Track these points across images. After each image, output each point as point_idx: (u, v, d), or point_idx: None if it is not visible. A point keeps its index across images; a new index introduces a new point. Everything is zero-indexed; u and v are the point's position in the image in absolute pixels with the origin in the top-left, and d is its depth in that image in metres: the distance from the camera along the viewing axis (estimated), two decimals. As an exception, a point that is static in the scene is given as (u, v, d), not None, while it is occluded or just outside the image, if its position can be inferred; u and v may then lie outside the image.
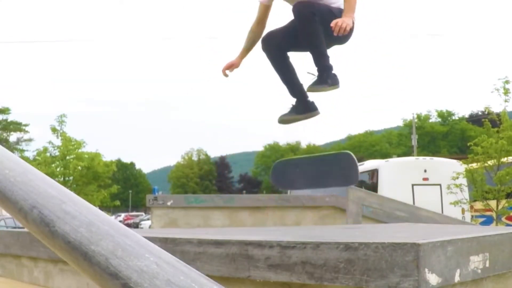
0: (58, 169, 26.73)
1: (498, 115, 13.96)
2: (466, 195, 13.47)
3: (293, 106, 3.97)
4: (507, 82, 13.92)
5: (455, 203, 13.27)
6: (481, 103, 75.20)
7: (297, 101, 3.96)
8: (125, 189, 73.66)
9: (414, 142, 42.22)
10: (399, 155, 45.69)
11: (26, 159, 28.10)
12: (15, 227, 16.05)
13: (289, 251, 2.00)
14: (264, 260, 2.06)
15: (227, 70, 4.01)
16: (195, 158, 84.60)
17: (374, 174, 15.72)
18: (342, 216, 7.82)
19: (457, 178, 13.23)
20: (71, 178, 26.87)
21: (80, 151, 27.20)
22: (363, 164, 17.10)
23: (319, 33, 3.52)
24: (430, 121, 69.22)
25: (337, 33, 3.37)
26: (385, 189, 14.16)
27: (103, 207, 34.40)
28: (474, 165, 13.73)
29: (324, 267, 1.90)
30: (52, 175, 24.37)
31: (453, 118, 69.85)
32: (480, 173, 13.37)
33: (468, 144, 14.21)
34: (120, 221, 2.21)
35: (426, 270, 1.73)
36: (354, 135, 79.98)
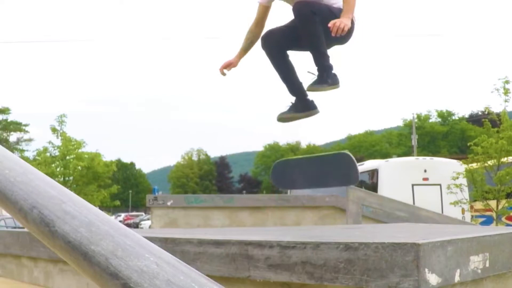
0: (58, 169, 26.74)
1: (498, 115, 13.96)
2: (466, 195, 13.47)
3: (293, 104, 3.94)
4: (507, 82, 13.91)
5: (455, 203, 13.26)
6: (481, 103, 75.30)
7: (296, 99, 3.92)
8: (125, 189, 73.65)
9: (414, 142, 42.20)
10: (399, 155, 45.71)
11: (26, 159, 28.12)
12: (15, 227, 16.05)
13: (289, 251, 2.00)
14: (264, 260, 2.06)
15: (225, 69, 3.98)
16: (195, 158, 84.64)
17: (374, 174, 15.72)
18: (342, 216, 7.82)
19: (457, 178, 13.22)
20: (71, 178, 26.88)
21: (80, 151, 27.21)
22: (363, 164, 17.10)
23: (320, 33, 3.51)
24: (430, 121, 69.23)
25: (335, 34, 3.36)
26: (385, 189, 14.16)
27: (103, 207, 34.40)
28: (474, 165, 13.72)
29: (324, 267, 1.90)
30: (52, 175, 24.37)
31: (453, 118, 69.85)
32: (480, 173, 13.37)
33: (468, 144, 14.21)
34: (120, 221, 2.21)
35: (426, 270, 1.73)
36: (354, 135, 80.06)
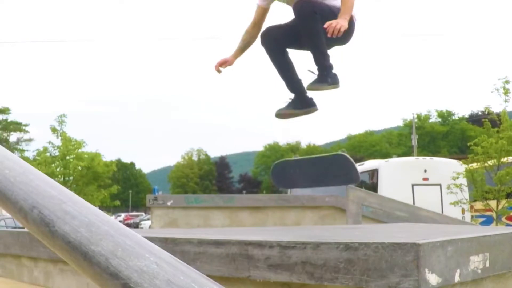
0: (58, 169, 26.76)
1: (498, 115, 13.96)
2: (466, 195, 13.46)
3: (291, 100, 3.91)
4: (507, 82, 13.91)
5: (455, 203, 13.26)
6: (481, 103, 75.33)
7: (295, 96, 3.90)
8: (125, 189, 73.67)
9: (414, 142, 42.20)
10: (399, 155, 45.67)
11: (26, 159, 28.12)
12: (15, 227, 16.05)
13: (289, 251, 2.00)
14: (264, 260, 2.06)
15: (220, 66, 3.95)
16: (195, 158, 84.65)
17: (374, 174, 15.72)
18: (342, 216, 7.82)
19: (457, 178, 13.22)
20: (71, 178, 26.91)
21: (80, 151, 27.24)
22: (363, 164, 17.11)
23: (320, 32, 3.49)
24: (430, 121, 69.25)
25: (331, 35, 3.34)
26: (385, 189, 14.16)
27: (103, 207, 34.41)
28: (474, 165, 13.72)
29: (324, 267, 1.90)
30: (52, 175, 24.38)
31: (453, 118, 69.87)
32: (480, 173, 13.36)
33: (468, 144, 14.20)
34: (120, 221, 2.21)
35: (426, 270, 1.73)
36: (354, 135, 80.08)
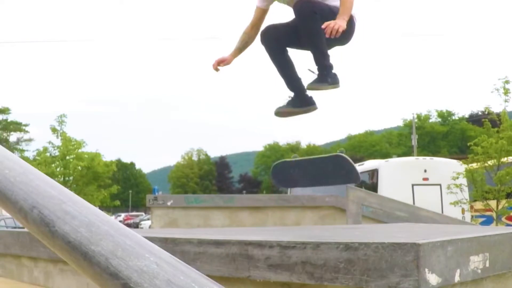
0: (58, 169, 26.77)
1: (498, 115, 13.96)
2: (466, 195, 13.46)
3: (291, 99, 3.91)
4: (507, 82, 13.91)
5: (455, 203, 13.26)
6: (481, 103, 75.34)
7: (295, 95, 3.90)
8: (125, 189, 73.65)
9: (414, 142, 42.19)
10: (399, 155, 45.68)
11: (26, 159, 28.13)
12: (15, 227, 16.05)
13: (289, 251, 2.00)
14: (264, 260, 2.06)
15: (218, 65, 3.93)
16: (195, 158, 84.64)
17: (374, 174, 15.72)
18: (342, 216, 7.82)
19: (457, 178, 13.22)
20: (71, 178, 26.91)
21: (80, 151, 27.25)
22: (363, 164, 17.12)
23: (320, 32, 3.48)
24: (430, 121, 69.24)
25: (329, 35, 3.33)
26: (385, 189, 14.16)
27: (103, 207, 34.41)
28: (474, 165, 13.72)
29: (324, 267, 1.90)
30: (52, 175, 24.39)
31: (453, 118, 69.86)
32: (480, 173, 13.36)
33: (468, 144, 14.20)
34: (120, 221, 2.21)
35: (426, 270, 1.73)
36: (354, 135, 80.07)
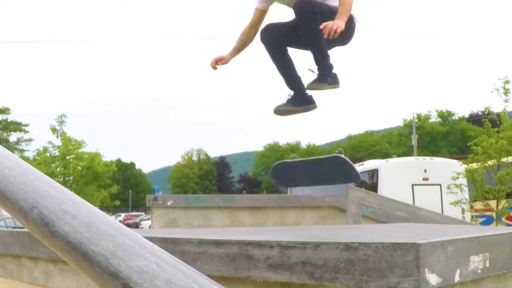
0: (58, 169, 26.77)
1: (498, 115, 13.96)
2: (466, 195, 13.46)
3: (290, 97, 3.91)
4: (507, 82, 13.91)
5: (455, 203, 13.26)
6: (481, 103, 75.36)
7: (294, 93, 3.90)
8: (125, 189, 73.64)
9: (414, 142, 42.19)
10: (399, 155, 45.67)
11: (26, 159, 28.13)
12: (15, 227, 16.05)
13: (289, 251, 2.00)
14: (264, 260, 2.06)
15: (216, 63, 3.93)
16: (195, 158, 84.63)
17: (374, 174, 15.72)
18: (342, 216, 7.82)
19: (457, 178, 13.22)
20: (71, 178, 26.91)
21: (80, 151, 27.25)
22: (363, 164, 17.12)
23: (320, 32, 3.48)
24: (430, 121, 69.23)
25: (327, 36, 3.33)
26: (385, 189, 14.16)
27: (103, 207, 34.42)
28: (474, 165, 13.72)
29: (324, 267, 1.90)
30: (52, 175, 24.39)
31: (453, 118, 69.86)
32: (480, 173, 13.36)
33: (468, 144, 14.21)
34: (120, 221, 2.21)
35: (426, 270, 1.73)
36: (354, 135, 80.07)
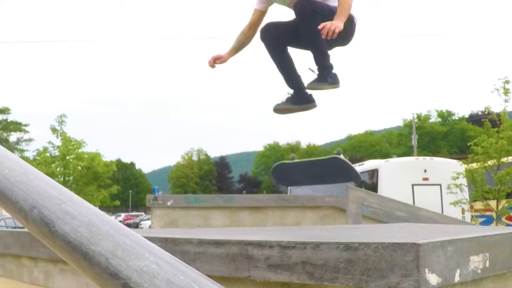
0: (58, 169, 26.78)
1: (498, 115, 13.96)
2: (466, 195, 13.47)
3: (290, 96, 3.91)
4: (507, 82, 13.91)
5: (455, 203, 13.26)
6: (481, 103, 75.37)
7: (294, 92, 3.90)
8: (125, 189, 73.62)
9: (414, 142, 42.18)
10: (399, 155, 45.67)
11: (26, 159, 28.13)
12: (15, 227, 16.05)
13: (289, 251, 2.00)
14: (264, 260, 2.06)
15: (215, 62, 3.92)
16: (195, 158, 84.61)
17: (374, 174, 15.72)
18: (342, 216, 7.82)
19: (457, 178, 13.23)
20: (71, 178, 26.91)
21: (80, 151, 27.26)
22: (363, 164, 17.12)
23: (320, 32, 3.49)
24: (430, 121, 69.23)
25: (325, 36, 3.33)
26: (385, 189, 14.16)
27: (103, 207, 34.42)
28: (474, 165, 13.72)
29: (324, 267, 1.90)
30: (52, 175, 24.39)
31: (453, 118, 69.85)
32: (480, 173, 13.37)
33: (468, 144, 14.21)
34: (120, 221, 2.21)
35: (426, 270, 1.73)
36: (354, 135, 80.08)
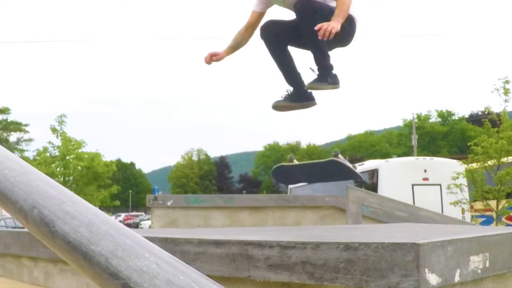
0: (58, 169, 26.78)
1: (498, 115, 13.97)
2: (466, 195, 13.47)
3: (289, 93, 3.91)
4: (507, 82, 13.92)
5: (455, 203, 13.27)
6: (481, 103, 75.37)
7: (293, 89, 3.90)
8: (125, 189, 73.60)
9: (414, 142, 42.17)
10: (399, 155, 45.69)
11: (26, 159, 28.14)
12: (15, 227, 16.05)
13: (289, 251, 2.00)
14: (264, 260, 2.06)
15: (211, 58, 3.90)
16: (195, 158, 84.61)
17: (374, 174, 15.73)
18: (342, 216, 7.82)
19: (457, 178, 13.23)
20: (71, 178, 26.92)
21: (80, 151, 27.26)
22: (363, 164, 17.12)
23: None
24: (430, 121, 69.22)
25: (322, 37, 3.33)
26: (385, 189, 14.18)
27: (103, 207, 34.41)
28: (474, 165, 13.73)
29: (324, 267, 1.90)
30: (52, 175, 24.39)
31: (453, 118, 69.85)
32: (480, 173, 13.37)
33: (468, 144, 14.22)
34: (120, 221, 2.21)
35: (426, 270, 1.73)
36: (354, 135, 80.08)
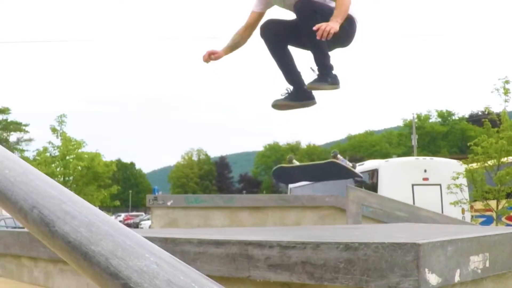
0: (58, 169, 26.78)
1: (498, 115, 13.97)
2: (466, 195, 13.47)
3: (289, 92, 3.90)
4: (507, 82, 13.92)
5: (455, 203, 13.27)
6: (481, 103, 75.39)
7: (293, 88, 3.90)
8: (125, 189, 73.58)
9: (414, 142, 42.17)
10: (399, 155, 45.68)
11: (26, 159, 28.14)
12: (15, 227, 16.05)
13: (289, 251, 2.00)
14: (264, 260, 2.06)
15: (209, 57, 3.88)
16: (195, 158, 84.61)
17: (374, 174, 15.73)
18: (342, 216, 7.82)
19: (457, 178, 13.23)
20: (71, 178, 26.92)
21: (80, 151, 27.26)
22: (363, 164, 17.12)
23: None
24: (430, 121, 69.22)
25: (320, 37, 3.32)
26: (385, 189, 14.18)
27: (103, 207, 34.41)
28: (474, 165, 13.73)
29: (324, 267, 1.90)
30: (52, 175, 24.39)
31: (453, 118, 69.85)
32: (480, 173, 13.37)
33: (468, 144, 14.22)
34: (120, 221, 2.21)
35: (426, 270, 1.73)
36: (354, 135, 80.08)
